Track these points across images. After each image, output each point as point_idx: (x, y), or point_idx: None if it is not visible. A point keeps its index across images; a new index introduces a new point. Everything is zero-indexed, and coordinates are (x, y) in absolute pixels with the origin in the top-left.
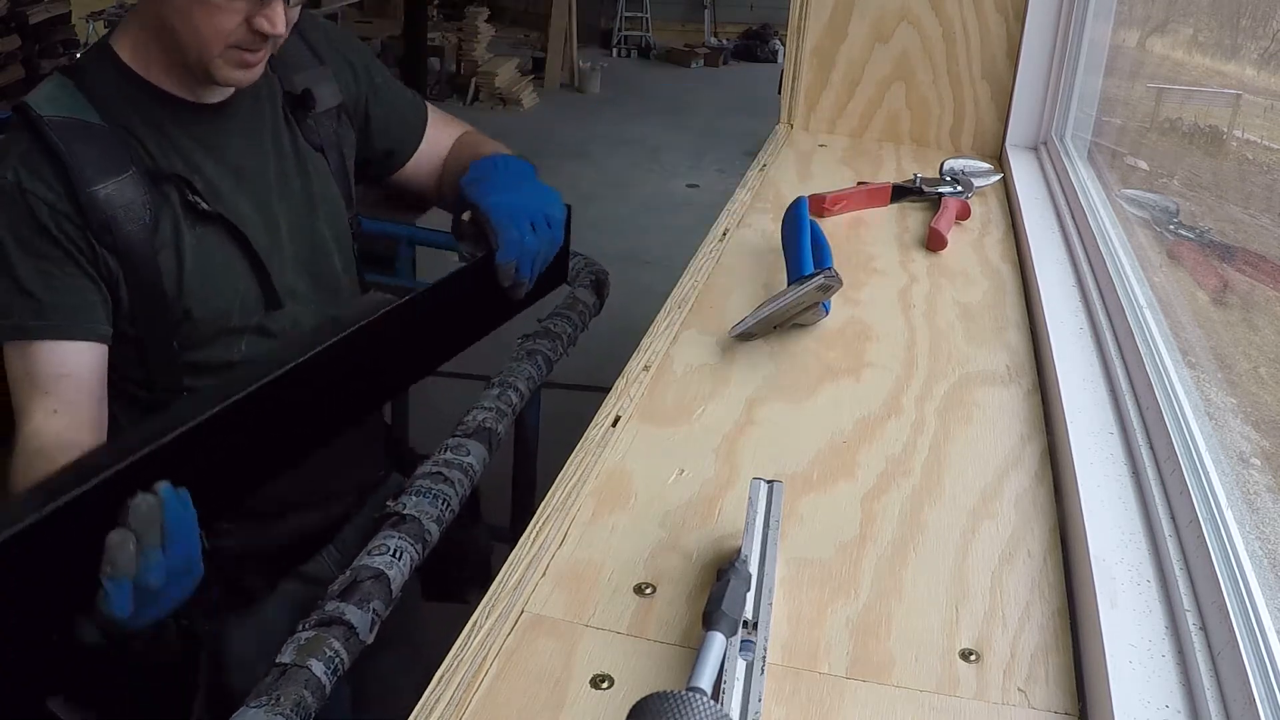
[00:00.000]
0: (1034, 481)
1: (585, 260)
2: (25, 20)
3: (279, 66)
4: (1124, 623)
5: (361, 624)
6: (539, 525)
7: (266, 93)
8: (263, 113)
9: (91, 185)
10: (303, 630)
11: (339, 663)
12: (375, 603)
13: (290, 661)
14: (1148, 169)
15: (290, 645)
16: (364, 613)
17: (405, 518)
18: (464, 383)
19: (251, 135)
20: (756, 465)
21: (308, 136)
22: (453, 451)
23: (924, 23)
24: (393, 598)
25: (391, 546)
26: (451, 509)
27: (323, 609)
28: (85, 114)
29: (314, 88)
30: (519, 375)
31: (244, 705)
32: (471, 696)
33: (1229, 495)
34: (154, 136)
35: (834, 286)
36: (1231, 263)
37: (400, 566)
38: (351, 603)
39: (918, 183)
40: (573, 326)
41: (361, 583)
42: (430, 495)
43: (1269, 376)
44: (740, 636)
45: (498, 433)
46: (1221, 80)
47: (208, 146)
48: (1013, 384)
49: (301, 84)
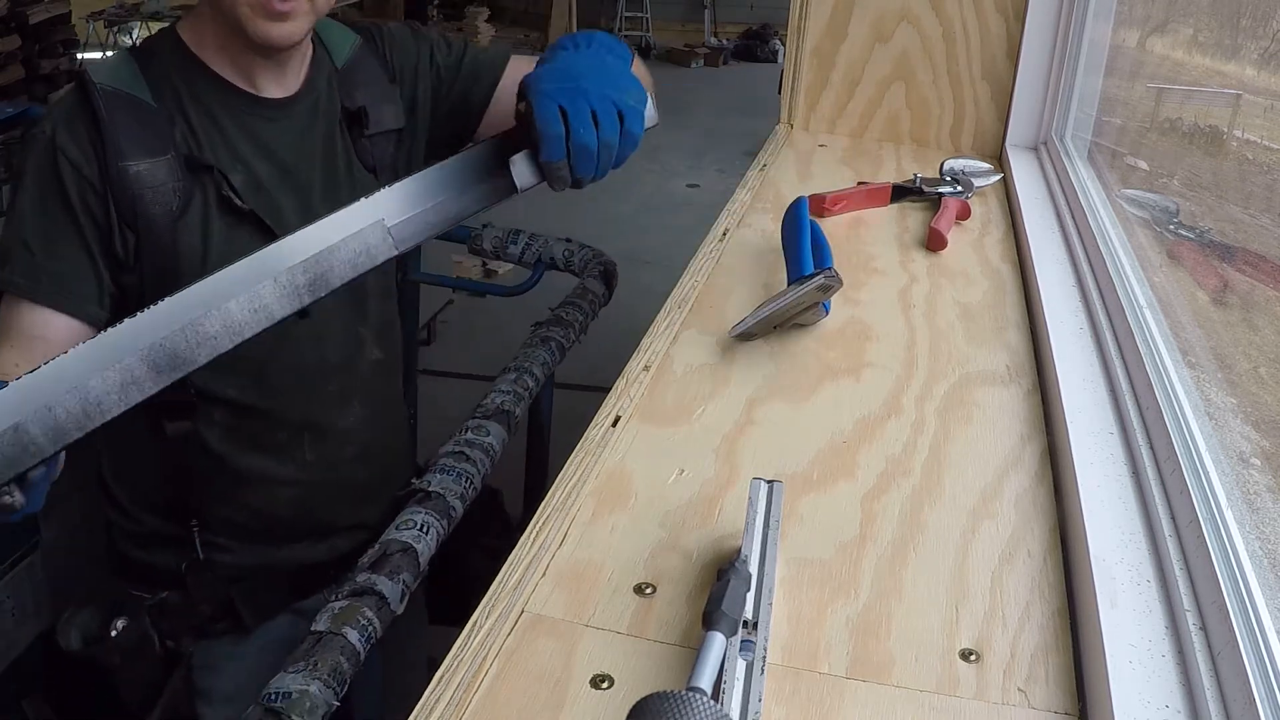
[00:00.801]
0: (1034, 481)
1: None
2: (25, 20)
3: (343, 82)
4: (1124, 623)
5: (393, 595)
6: (539, 525)
7: (325, 104)
8: (318, 121)
9: (125, 159)
10: (335, 600)
11: (372, 631)
12: (405, 575)
13: (326, 629)
14: (1148, 169)
15: (325, 614)
16: (394, 584)
17: (430, 494)
18: (469, 383)
19: (305, 139)
20: (756, 465)
21: (361, 156)
22: (473, 432)
23: (924, 23)
24: (420, 570)
25: (419, 521)
26: (474, 486)
27: (354, 580)
28: (139, 91)
29: (374, 107)
30: (534, 360)
31: (281, 671)
32: (471, 696)
33: (1229, 495)
34: (204, 123)
35: (834, 286)
36: (1231, 263)
37: (428, 540)
38: (383, 574)
39: (918, 183)
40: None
41: (391, 555)
42: (454, 473)
43: (1269, 376)
44: (740, 636)
45: (515, 415)
46: (1221, 80)
47: (258, 141)
48: (1013, 384)
49: (361, 101)
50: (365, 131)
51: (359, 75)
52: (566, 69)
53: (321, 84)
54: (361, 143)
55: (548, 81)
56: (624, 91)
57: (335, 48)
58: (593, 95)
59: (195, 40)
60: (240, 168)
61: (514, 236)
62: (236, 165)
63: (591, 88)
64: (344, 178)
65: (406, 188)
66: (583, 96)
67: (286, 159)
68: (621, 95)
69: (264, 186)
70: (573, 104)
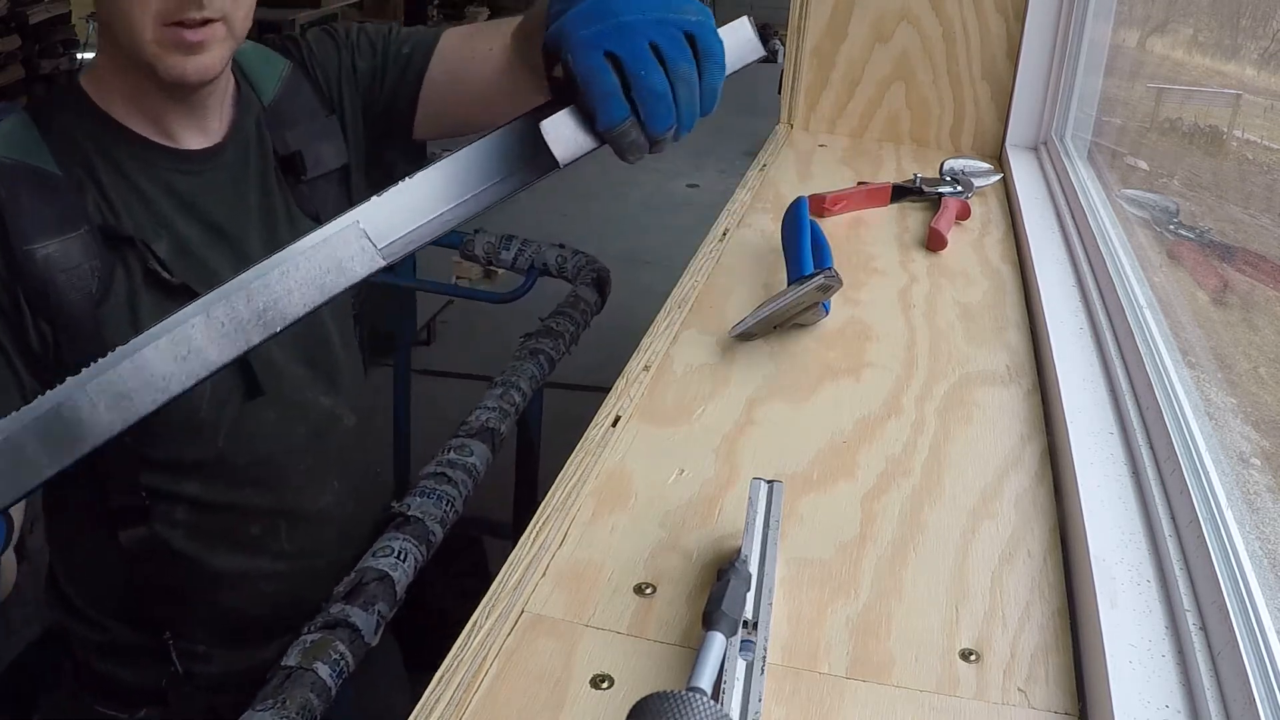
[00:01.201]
0: (1034, 481)
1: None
2: (25, 20)
3: (274, 121)
4: (1124, 623)
5: (366, 626)
6: (539, 525)
7: (256, 149)
8: (249, 170)
9: (31, 243)
10: (308, 633)
11: (344, 665)
12: (380, 604)
13: (296, 664)
14: (1148, 169)
15: (295, 648)
16: (369, 615)
17: (409, 519)
18: (466, 383)
19: (236, 192)
20: (756, 465)
21: (301, 204)
22: (456, 452)
23: (924, 23)
24: (398, 599)
25: (396, 548)
26: (455, 509)
27: (327, 611)
28: (40, 159)
29: (310, 148)
30: (522, 375)
31: (250, 709)
32: (471, 696)
33: (1229, 495)
34: (119, 186)
35: (834, 286)
36: (1231, 263)
37: (405, 568)
38: (356, 605)
39: (918, 183)
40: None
41: (366, 585)
42: (434, 496)
43: (1269, 376)
44: (740, 636)
45: (500, 432)
46: (1221, 80)
47: (182, 200)
48: (1013, 384)
49: (295, 143)
50: (303, 177)
51: (291, 111)
52: (595, 6)
53: (249, 127)
54: (300, 189)
55: (579, 27)
56: (680, 9)
57: (262, 82)
58: (645, 26)
59: (100, 93)
60: (165, 233)
61: (506, 242)
62: (160, 231)
63: (639, 19)
64: (286, 231)
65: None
66: (632, 32)
67: (217, 217)
68: (680, 15)
69: (194, 252)
70: (623, 44)
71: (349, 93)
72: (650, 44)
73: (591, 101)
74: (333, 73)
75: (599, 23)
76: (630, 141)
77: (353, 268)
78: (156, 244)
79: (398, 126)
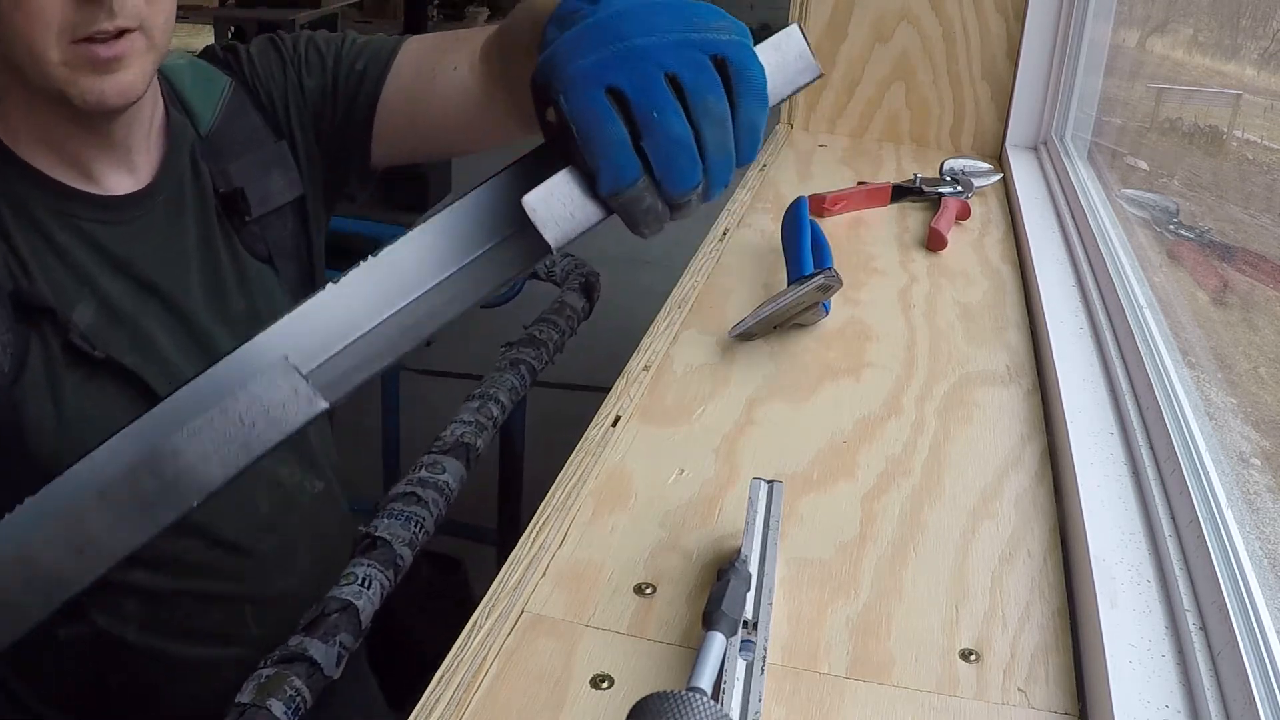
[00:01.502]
0: (1034, 481)
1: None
2: None
3: (213, 152)
4: (1124, 623)
5: (326, 659)
6: (539, 525)
7: (193, 188)
8: (186, 213)
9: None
10: (263, 668)
11: (300, 701)
12: (342, 635)
13: (249, 701)
14: (1148, 169)
15: (250, 684)
16: (329, 647)
17: (376, 541)
18: (463, 382)
19: (170, 240)
20: (756, 465)
21: (249, 245)
22: (428, 470)
23: (924, 23)
24: (363, 629)
25: (360, 575)
26: (426, 531)
27: (286, 646)
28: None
29: (255, 183)
30: (500, 386)
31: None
32: (471, 697)
33: (1229, 495)
34: (33, 242)
35: (834, 286)
36: (1231, 263)
37: (370, 595)
38: (315, 637)
39: (918, 183)
40: (560, 333)
41: (328, 616)
42: (403, 518)
43: (1269, 376)
44: (740, 636)
45: (476, 448)
46: (1221, 80)
47: (106, 254)
48: (1013, 384)
49: (239, 178)
50: (249, 217)
51: (233, 139)
52: (597, 26)
53: (183, 163)
54: (249, 229)
55: (574, 56)
56: (706, 26)
57: (198, 106)
58: (660, 52)
59: (6, 132)
60: (89, 295)
61: None
62: (83, 292)
63: (653, 42)
64: (232, 282)
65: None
66: (643, 60)
67: (149, 272)
68: (706, 34)
69: (123, 314)
70: (631, 77)
71: (298, 114)
72: (667, 75)
73: (591, 158)
74: (278, 91)
75: (600, 48)
76: (645, 209)
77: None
78: (79, 308)
79: (353, 151)
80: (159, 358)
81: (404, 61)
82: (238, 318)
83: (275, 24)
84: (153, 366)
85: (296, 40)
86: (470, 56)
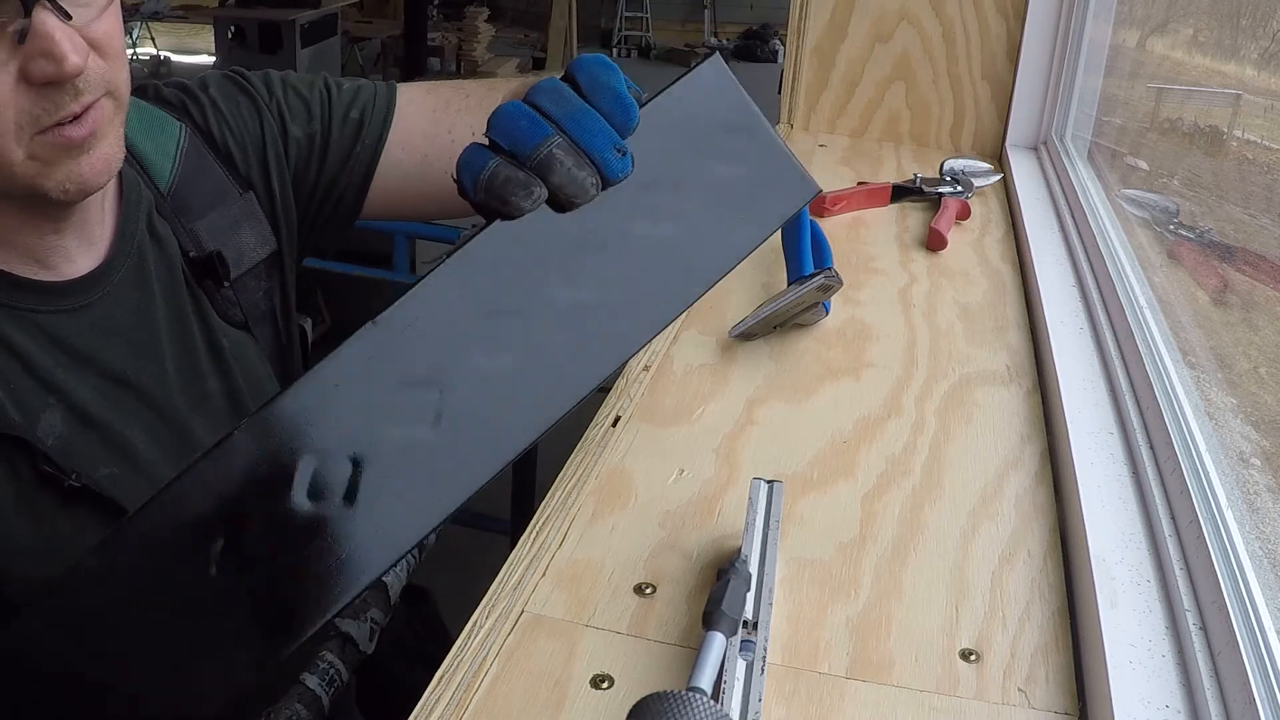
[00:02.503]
0: (1034, 481)
1: None
2: None
3: (177, 210)
4: (1124, 623)
5: (360, 634)
6: (539, 525)
7: (155, 254)
8: (150, 285)
9: None
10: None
11: (335, 674)
12: (373, 611)
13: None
14: (1148, 169)
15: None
16: (361, 623)
17: None
18: None
19: (136, 320)
20: (756, 465)
21: (224, 312)
22: None
23: (924, 23)
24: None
25: None
26: None
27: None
28: None
29: (229, 242)
30: None
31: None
32: (471, 697)
33: (1229, 495)
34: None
35: (834, 286)
36: (1231, 263)
37: (397, 572)
38: (346, 615)
39: (918, 183)
40: None
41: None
42: None
43: (1269, 376)
44: (740, 636)
45: None
46: (1221, 80)
47: (69, 351)
48: (1013, 384)
49: (210, 239)
50: (227, 281)
51: (196, 196)
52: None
53: (139, 225)
54: (223, 294)
55: None
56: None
57: (152, 159)
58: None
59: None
60: (55, 403)
61: None
62: (49, 401)
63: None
64: (205, 359)
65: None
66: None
67: (116, 363)
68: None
69: (94, 419)
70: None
71: (276, 164)
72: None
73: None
74: (251, 139)
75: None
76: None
77: None
78: (46, 417)
79: (343, 203)
80: (138, 463)
81: (410, 114)
82: (215, 399)
83: (275, 24)
84: (130, 476)
85: (269, 82)
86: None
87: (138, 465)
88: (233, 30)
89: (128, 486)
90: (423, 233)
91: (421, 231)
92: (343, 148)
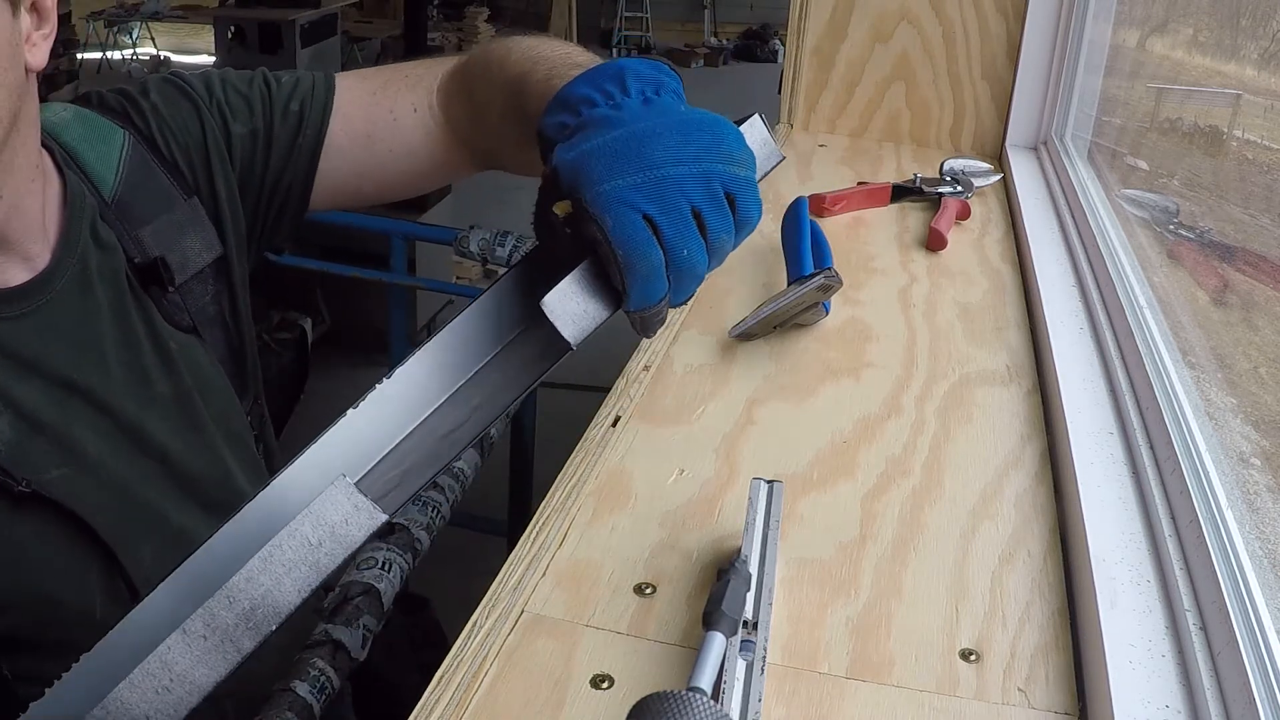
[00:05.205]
0: (1034, 481)
1: None
2: None
3: (121, 217)
4: (1124, 623)
5: (352, 641)
6: (539, 525)
7: (99, 261)
8: (94, 292)
9: None
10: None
11: (325, 681)
12: (366, 618)
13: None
14: (1148, 169)
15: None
16: (353, 630)
17: (394, 526)
18: None
19: (80, 326)
20: (756, 465)
21: (171, 317)
22: None
23: (924, 23)
24: (385, 611)
25: (380, 559)
26: (442, 516)
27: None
28: None
29: (173, 248)
30: None
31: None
32: (471, 697)
33: (1229, 495)
34: None
35: (834, 286)
36: (1231, 263)
37: (390, 579)
38: (339, 622)
39: (918, 183)
40: None
41: (351, 600)
42: (420, 502)
43: (1269, 376)
44: (740, 636)
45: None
46: (1221, 80)
47: (12, 358)
48: (1013, 384)
49: (155, 245)
50: (171, 287)
51: (140, 202)
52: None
53: (83, 232)
54: (169, 300)
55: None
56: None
57: (95, 167)
58: (689, 183)
59: None
60: (1, 410)
61: (502, 238)
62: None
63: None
64: (153, 361)
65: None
66: (677, 191)
67: (62, 368)
68: (728, 166)
69: (43, 424)
70: (666, 208)
71: (220, 165)
72: (693, 209)
73: (629, 279)
74: (194, 142)
75: (636, 173)
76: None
77: (349, 532)
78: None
79: (291, 198)
80: (89, 464)
81: (349, 100)
82: (165, 400)
83: (275, 24)
84: (83, 478)
85: (209, 83)
86: (428, 97)
87: (87, 465)
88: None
89: (78, 486)
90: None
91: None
92: (285, 140)
